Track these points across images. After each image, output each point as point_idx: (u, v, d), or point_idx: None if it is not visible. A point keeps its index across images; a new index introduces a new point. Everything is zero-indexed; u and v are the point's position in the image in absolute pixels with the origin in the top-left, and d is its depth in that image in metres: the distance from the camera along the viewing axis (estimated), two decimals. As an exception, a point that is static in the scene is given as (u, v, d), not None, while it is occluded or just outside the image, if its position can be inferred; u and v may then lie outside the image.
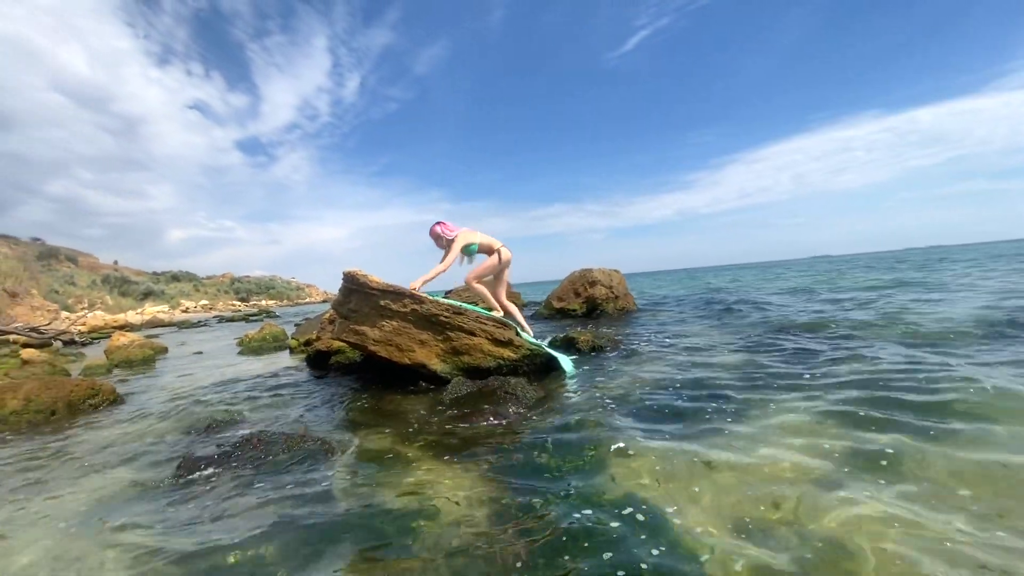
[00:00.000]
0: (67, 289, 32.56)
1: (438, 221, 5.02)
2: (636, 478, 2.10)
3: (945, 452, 2.08)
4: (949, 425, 2.37)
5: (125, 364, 8.21)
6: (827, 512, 1.71)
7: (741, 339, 5.46)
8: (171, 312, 34.57)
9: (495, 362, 4.25)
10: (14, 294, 23.05)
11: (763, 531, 1.64)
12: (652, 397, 3.31)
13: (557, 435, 2.70)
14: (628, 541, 1.62)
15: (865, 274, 16.91)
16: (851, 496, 1.79)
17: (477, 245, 5.02)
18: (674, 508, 1.82)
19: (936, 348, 4.11)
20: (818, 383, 3.30)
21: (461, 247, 4.85)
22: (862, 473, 1.97)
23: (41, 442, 3.43)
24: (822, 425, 2.53)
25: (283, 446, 2.75)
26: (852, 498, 1.78)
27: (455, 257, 4.83)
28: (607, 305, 9.60)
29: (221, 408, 4.14)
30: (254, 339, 9.74)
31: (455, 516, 1.91)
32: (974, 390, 2.78)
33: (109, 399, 4.57)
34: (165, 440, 3.28)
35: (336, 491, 2.24)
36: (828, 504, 1.76)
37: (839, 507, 1.73)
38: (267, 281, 64.40)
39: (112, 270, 44.90)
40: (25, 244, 40.64)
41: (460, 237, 4.89)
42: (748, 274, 30.37)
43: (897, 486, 1.85)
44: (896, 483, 1.87)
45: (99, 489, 2.48)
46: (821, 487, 1.88)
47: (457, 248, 4.82)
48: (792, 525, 1.66)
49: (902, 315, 6.09)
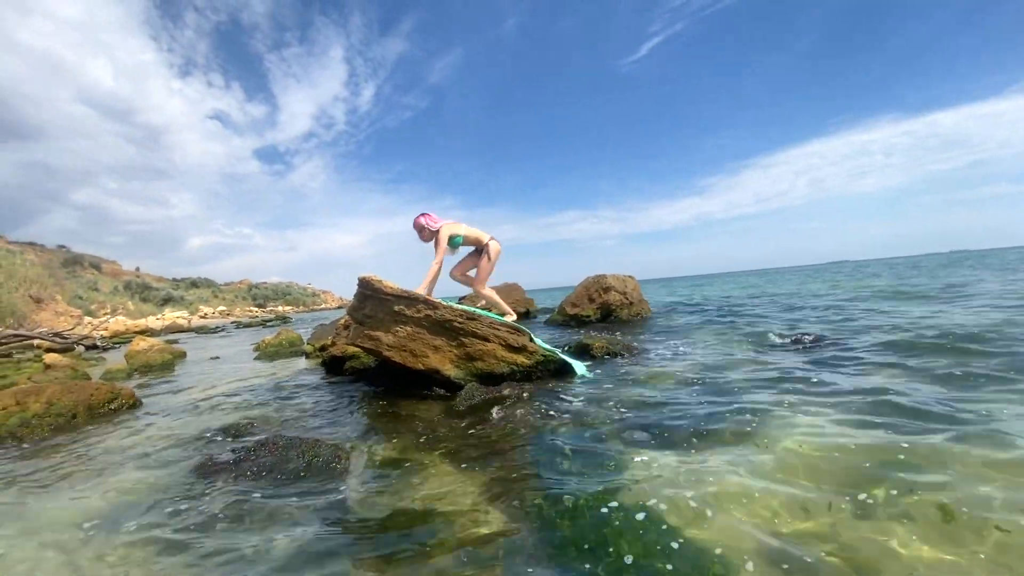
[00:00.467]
0: (90, 295, 33.35)
1: (423, 212, 4.89)
2: (653, 486, 2.05)
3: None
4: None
5: (145, 369, 8.34)
6: (855, 527, 1.65)
7: (755, 348, 5.37)
8: (190, 318, 35.16)
9: (508, 368, 4.23)
10: (39, 299, 23.67)
11: (784, 544, 1.59)
12: (668, 404, 3.25)
13: (572, 442, 2.67)
14: (646, 550, 1.58)
15: (882, 281, 16.57)
16: (874, 508, 1.73)
17: (462, 237, 4.94)
18: (692, 518, 1.77)
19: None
20: (833, 394, 3.22)
21: (447, 239, 4.77)
22: (880, 482, 1.90)
23: (62, 445, 3.49)
24: (842, 437, 2.46)
25: (298, 451, 2.75)
26: (875, 510, 1.72)
27: (444, 250, 4.76)
28: (621, 311, 9.53)
29: (238, 412, 4.18)
30: (270, 344, 9.84)
31: (470, 523, 1.88)
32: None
33: (128, 403, 4.63)
34: (182, 444, 3.31)
35: (350, 497, 2.23)
36: (851, 519, 1.70)
37: (863, 520, 1.67)
38: (284, 287, 65.25)
39: (134, 276, 45.88)
40: (51, 251, 41.70)
41: (444, 229, 4.79)
42: (763, 280, 29.97)
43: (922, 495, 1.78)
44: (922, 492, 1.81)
45: (117, 492, 2.50)
46: (843, 499, 1.82)
47: (444, 241, 4.74)
48: (818, 537, 1.61)
49: (904, 326, 5.94)
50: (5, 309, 19.55)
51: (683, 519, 1.77)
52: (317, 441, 2.89)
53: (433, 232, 4.84)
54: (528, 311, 12.02)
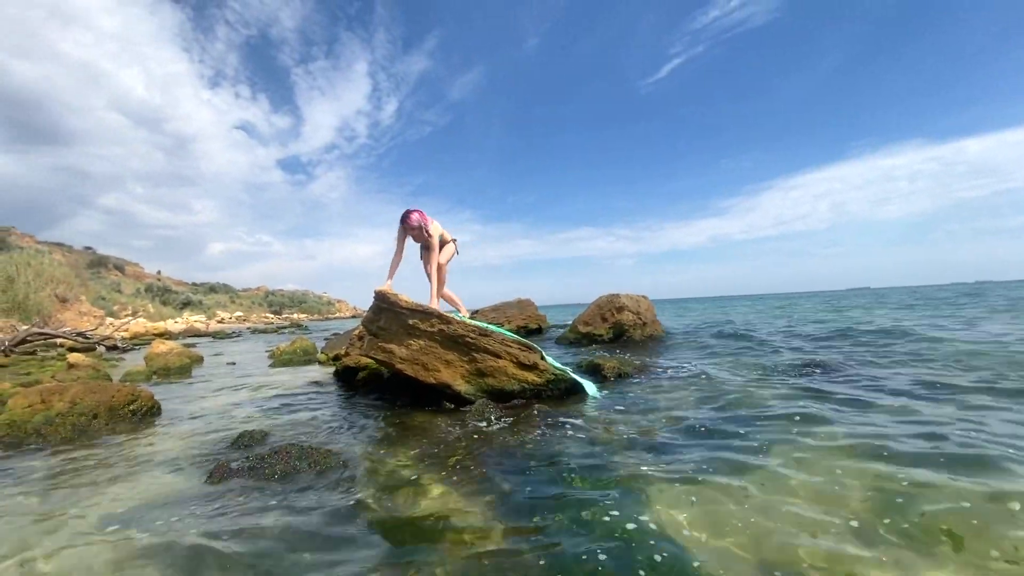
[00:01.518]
0: (113, 296, 34.17)
1: (417, 209, 4.87)
2: (660, 509, 2.05)
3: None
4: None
5: (163, 371, 8.52)
6: (848, 561, 1.64)
7: (767, 374, 5.31)
8: (207, 322, 35.77)
9: (519, 385, 4.25)
10: (64, 299, 24.31)
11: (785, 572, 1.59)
12: (677, 427, 3.25)
13: (580, 461, 2.68)
14: (649, 571, 1.59)
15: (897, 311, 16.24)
16: (868, 548, 1.72)
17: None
18: (697, 542, 1.78)
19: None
20: (842, 421, 3.18)
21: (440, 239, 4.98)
22: (879, 519, 1.89)
23: (83, 446, 3.59)
24: (846, 467, 2.43)
25: (309, 460, 2.81)
26: (868, 551, 1.70)
27: (449, 252, 5.04)
28: (634, 332, 9.48)
29: (252, 420, 4.26)
30: (285, 352, 9.98)
31: (475, 539, 1.91)
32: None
33: (147, 406, 4.74)
34: (198, 449, 3.39)
35: (358, 507, 2.27)
36: (846, 553, 1.69)
37: (862, 557, 1.66)
38: (300, 295, 66.13)
39: (155, 280, 46.94)
40: (77, 252, 42.98)
41: (437, 228, 5.00)
42: (780, 305, 29.56)
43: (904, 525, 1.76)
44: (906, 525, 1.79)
45: (135, 496, 2.57)
46: (840, 533, 1.81)
47: (438, 241, 4.97)
48: (816, 568, 1.60)
49: (916, 351, 5.82)
50: (31, 307, 20.13)
51: (685, 546, 1.77)
52: (328, 451, 2.94)
53: (429, 233, 4.94)
54: (540, 327, 12.02)
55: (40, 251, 30.26)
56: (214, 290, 53.57)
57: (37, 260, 25.18)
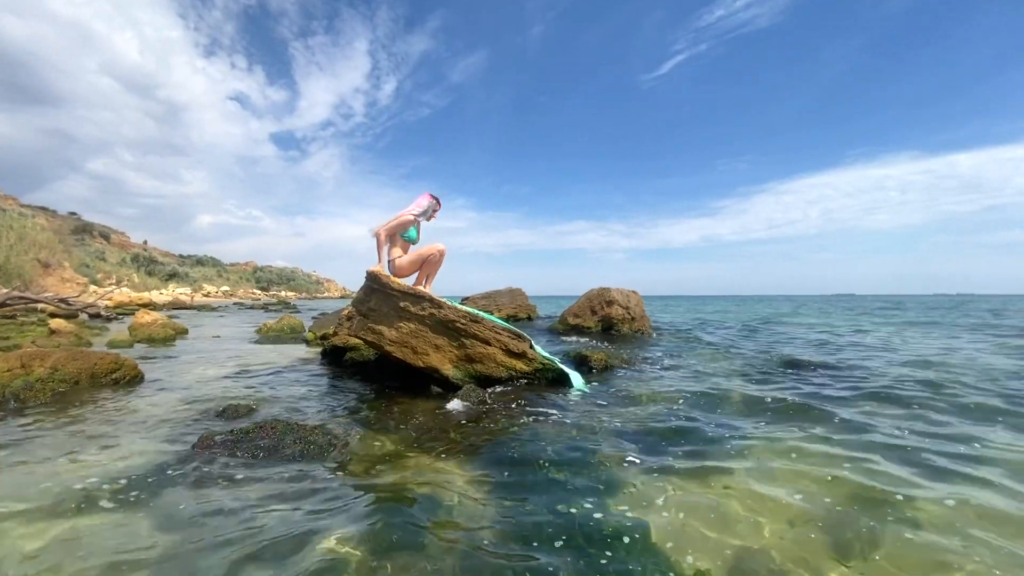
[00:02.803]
0: (97, 264, 33.61)
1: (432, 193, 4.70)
2: (636, 500, 2.09)
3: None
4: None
5: (147, 341, 8.43)
6: (820, 552, 1.68)
7: (750, 374, 5.39)
8: (193, 295, 35.35)
9: (507, 372, 4.27)
10: (47, 265, 23.87)
11: (752, 562, 1.63)
12: (659, 422, 3.29)
13: (562, 450, 2.71)
14: (620, 561, 1.62)
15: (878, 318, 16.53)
16: (849, 541, 1.76)
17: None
18: (668, 533, 1.81)
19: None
20: (819, 417, 3.25)
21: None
22: (853, 507, 1.94)
23: (62, 412, 3.55)
24: (825, 461, 2.49)
25: (294, 436, 2.80)
26: (849, 542, 1.75)
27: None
28: (622, 326, 9.54)
29: (237, 393, 4.24)
30: (272, 329, 9.91)
31: (457, 518, 1.93)
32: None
33: (130, 375, 4.69)
34: (181, 420, 3.36)
35: (342, 485, 2.28)
36: (816, 543, 1.73)
37: (835, 550, 1.70)
38: (288, 272, 65.52)
39: (141, 250, 46.21)
40: (62, 218, 42.08)
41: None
42: (768, 307, 29.92)
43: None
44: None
45: (113, 464, 2.55)
46: (811, 525, 1.86)
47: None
48: (784, 560, 1.64)
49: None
50: (12, 271, 19.73)
51: (657, 537, 1.81)
52: (314, 428, 2.93)
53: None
54: (530, 317, 12.05)
55: (23, 214, 29.58)
56: (201, 263, 52.87)
57: (20, 223, 24.65)
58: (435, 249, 4.62)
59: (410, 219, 4.54)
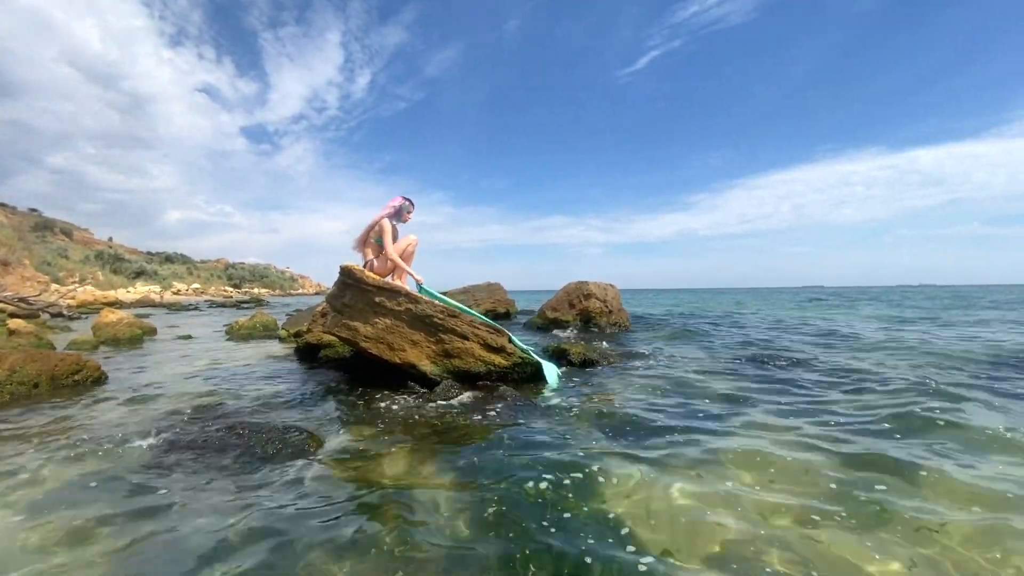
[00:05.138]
0: (59, 262, 32.28)
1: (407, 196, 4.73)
2: (610, 497, 2.09)
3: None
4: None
5: (112, 342, 8.13)
6: (803, 544, 1.72)
7: (725, 364, 5.49)
8: (162, 293, 34.31)
9: (485, 367, 4.24)
10: (6, 263, 22.83)
11: (726, 559, 1.65)
12: (636, 416, 3.31)
13: (539, 447, 2.70)
14: (593, 558, 1.62)
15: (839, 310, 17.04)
16: (827, 526, 1.80)
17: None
18: (642, 530, 1.82)
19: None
20: (789, 409, 3.32)
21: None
22: (829, 503, 1.98)
23: (20, 415, 3.39)
24: (797, 457, 2.54)
25: (266, 436, 2.73)
26: (828, 527, 1.79)
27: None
28: (601, 319, 9.61)
29: (206, 393, 4.12)
30: (244, 326, 9.68)
31: (431, 517, 1.90)
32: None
33: (93, 376, 4.52)
34: (147, 422, 3.24)
35: (316, 485, 2.23)
36: (801, 536, 1.77)
37: (813, 537, 1.74)
38: (261, 269, 64.00)
39: (106, 247, 44.54)
40: (21, 214, 40.20)
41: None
42: (743, 299, 30.55)
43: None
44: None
45: (73, 469, 2.45)
46: (789, 518, 1.89)
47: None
48: (768, 547, 1.67)
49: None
50: (-33, 270, 18.81)
51: (630, 535, 1.82)
52: (287, 427, 2.87)
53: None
54: (508, 312, 12.04)
55: (-22, 210, 28.22)
56: (170, 260, 51.25)
57: (-26, 219, 23.47)
58: (408, 242, 4.66)
59: (386, 224, 4.57)
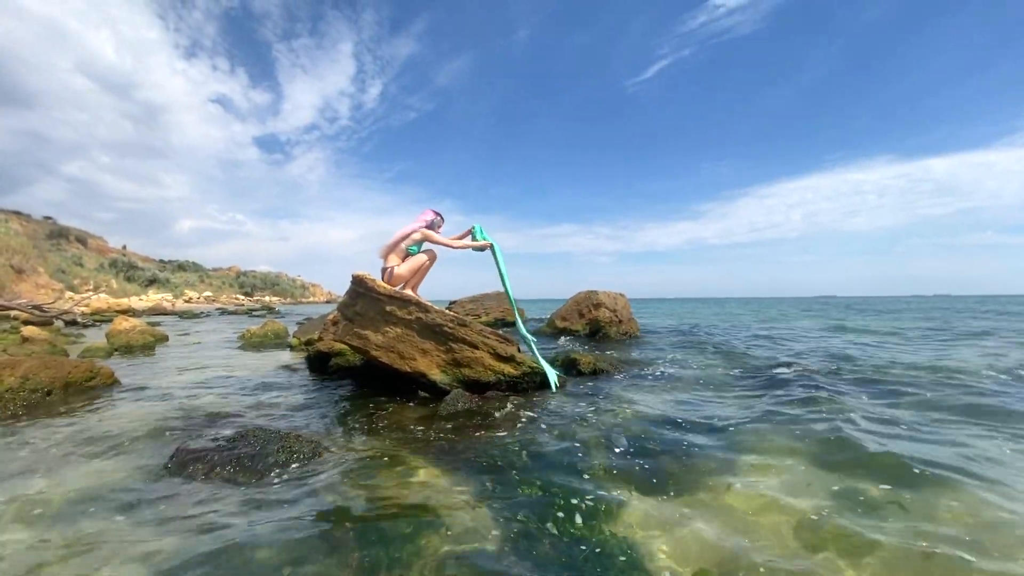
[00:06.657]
0: (74, 270, 32.79)
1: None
2: (622, 514, 2.05)
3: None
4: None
5: (125, 349, 8.21)
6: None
7: (735, 378, 5.41)
8: (174, 301, 34.70)
9: (495, 377, 4.22)
10: (20, 270, 23.23)
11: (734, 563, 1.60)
12: (647, 428, 3.25)
13: (552, 466, 2.64)
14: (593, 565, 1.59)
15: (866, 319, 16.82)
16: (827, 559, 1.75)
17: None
18: (654, 549, 1.78)
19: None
20: (803, 428, 3.25)
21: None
22: (848, 519, 1.93)
23: (34, 423, 3.42)
24: (808, 474, 2.48)
25: (278, 444, 2.72)
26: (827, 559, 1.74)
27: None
28: (610, 328, 9.56)
29: (217, 402, 4.13)
30: (255, 334, 9.73)
31: (441, 528, 1.87)
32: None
33: (106, 383, 4.55)
34: (159, 430, 3.25)
35: (327, 495, 2.21)
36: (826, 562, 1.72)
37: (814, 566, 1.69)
38: (273, 277, 64.54)
39: (120, 254, 45.21)
40: (37, 222, 40.93)
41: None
42: (752, 309, 30.27)
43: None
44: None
45: (87, 478, 2.45)
46: (798, 539, 1.84)
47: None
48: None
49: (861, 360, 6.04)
50: (-15, 277, 19.16)
51: (640, 553, 1.78)
52: (298, 436, 2.86)
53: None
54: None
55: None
56: (183, 268, 51.89)
57: (-8, 228, 23.95)
58: (429, 256, 4.70)
59: (418, 235, 4.56)
